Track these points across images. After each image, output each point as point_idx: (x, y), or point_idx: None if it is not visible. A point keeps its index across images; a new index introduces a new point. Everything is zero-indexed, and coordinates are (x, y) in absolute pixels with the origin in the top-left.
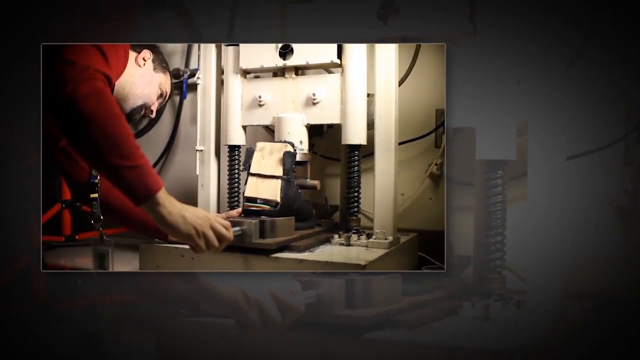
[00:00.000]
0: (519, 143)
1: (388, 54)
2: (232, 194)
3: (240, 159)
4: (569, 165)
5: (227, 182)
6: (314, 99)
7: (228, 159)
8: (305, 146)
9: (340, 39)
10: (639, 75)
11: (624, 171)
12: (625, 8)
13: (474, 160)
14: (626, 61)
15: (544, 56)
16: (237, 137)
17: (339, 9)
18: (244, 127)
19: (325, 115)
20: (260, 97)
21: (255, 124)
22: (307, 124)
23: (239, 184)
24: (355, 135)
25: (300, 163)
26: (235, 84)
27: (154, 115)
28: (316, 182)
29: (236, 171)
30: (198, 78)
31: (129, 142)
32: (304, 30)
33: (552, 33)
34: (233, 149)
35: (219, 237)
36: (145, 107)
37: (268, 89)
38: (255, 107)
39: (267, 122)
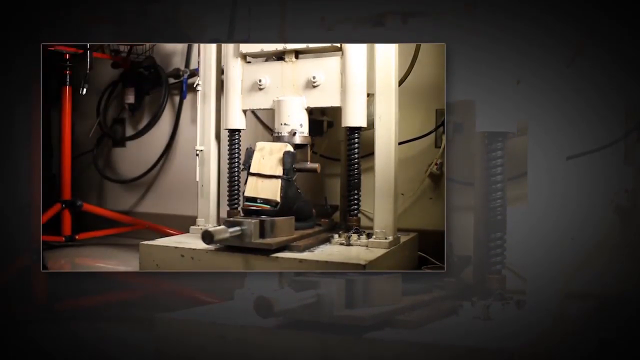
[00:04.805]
0: (518, 143)
1: (388, 54)
2: (232, 190)
3: (240, 144)
4: (569, 164)
5: (227, 166)
6: (314, 82)
7: (228, 143)
8: (305, 129)
9: (340, 39)
10: (639, 75)
11: (624, 170)
12: (626, 8)
13: (474, 159)
14: (626, 61)
15: (544, 56)
16: (237, 121)
17: (339, 9)
18: (244, 111)
19: (325, 98)
20: (260, 80)
21: (255, 108)
22: (308, 107)
23: (239, 181)
24: (355, 117)
25: (301, 146)
26: (235, 68)
27: None
28: (316, 165)
29: (236, 157)
30: (198, 85)
31: None
32: (304, 30)
33: (552, 33)
34: (233, 133)
35: None
36: None
37: (268, 72)
38: (256, 90)
39: (267, 106)
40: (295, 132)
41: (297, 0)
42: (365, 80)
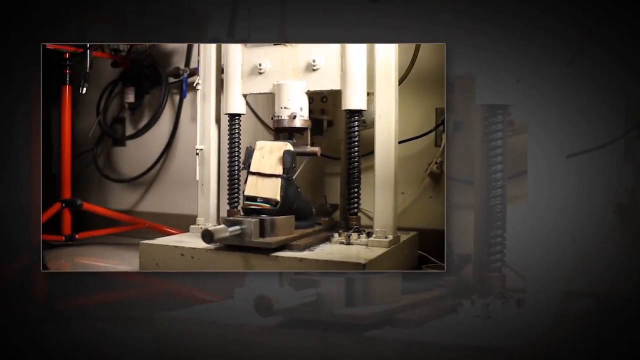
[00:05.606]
0: (518, 141)
1: (388, 53)
2: (232, 189)
3: (240, 130)
4: (569, 163)
5: (227, 154)
6: (314, 66)
7: (228, 129)
8: (305, 113)
9: (340, 39)
10: (639, 75)
11: (624, 169)
12: (626, 8)
13: (474, 158)
14: (626, 61)
15: (544, 56)
16: (237, 105)
17: (340, 8)
18: (245, 96)
19: (325, 82)
20: (260, 65)
21: (255, 92)
22: (307, 90)
23: (239, 179)
24: (354, 100)
25: (300, 130)
26: (235, 53)
27: None
28: (317, 149)
29: (236, 142)
30: (198, 84)
31: None
32: (305, 29)
33: (552, 33)
34: (233, 117)
35: None
36: None
37: (268, 56)
38: (256, 75)
39: (267, 90)
40: (295, 116)
41: (297, 0)
42: (365, 64)
